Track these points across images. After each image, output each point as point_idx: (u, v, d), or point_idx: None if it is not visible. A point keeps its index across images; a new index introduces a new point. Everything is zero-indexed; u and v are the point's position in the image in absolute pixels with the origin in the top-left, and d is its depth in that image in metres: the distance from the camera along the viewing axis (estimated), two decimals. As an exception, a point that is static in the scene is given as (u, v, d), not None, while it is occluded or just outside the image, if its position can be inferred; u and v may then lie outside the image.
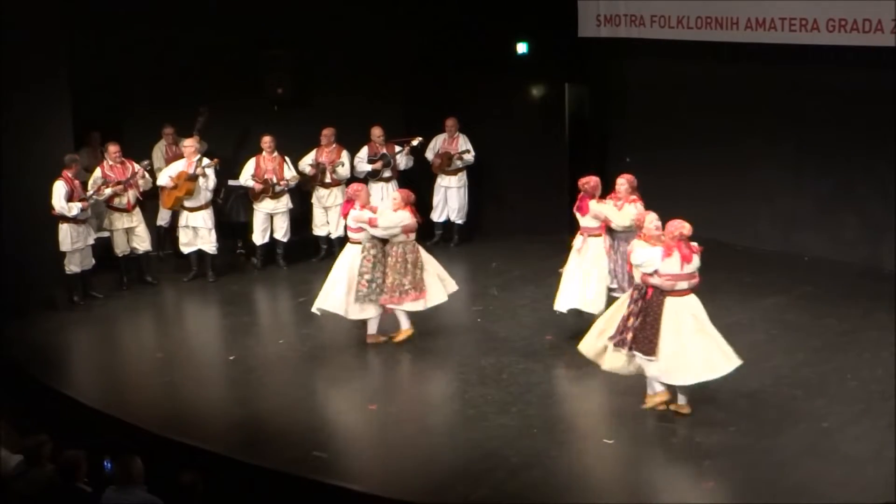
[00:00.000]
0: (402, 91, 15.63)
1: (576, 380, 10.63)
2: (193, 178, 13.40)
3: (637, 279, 9.42)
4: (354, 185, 11.63)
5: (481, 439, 9.25)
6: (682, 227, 9.27)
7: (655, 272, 9.24)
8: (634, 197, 11.02)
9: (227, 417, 10.08)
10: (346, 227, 11.64)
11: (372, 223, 11.10)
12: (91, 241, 12.82)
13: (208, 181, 13.54)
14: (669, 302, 9.27)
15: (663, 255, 9.23)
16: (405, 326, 11.36)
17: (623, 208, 10.98)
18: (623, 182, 11.05)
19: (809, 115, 13.82)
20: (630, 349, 9.40)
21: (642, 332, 9.31)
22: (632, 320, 9.37)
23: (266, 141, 13.94)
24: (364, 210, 11.21)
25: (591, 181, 11.28)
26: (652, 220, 9.61)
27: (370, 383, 10.93)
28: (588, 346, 9.90)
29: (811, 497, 8.15)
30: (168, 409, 10.17)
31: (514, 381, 10.49)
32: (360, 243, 11.21)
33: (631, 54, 15.02)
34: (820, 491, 8.24)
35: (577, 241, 11.39)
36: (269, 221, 14.22)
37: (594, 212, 11.16)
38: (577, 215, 11.39)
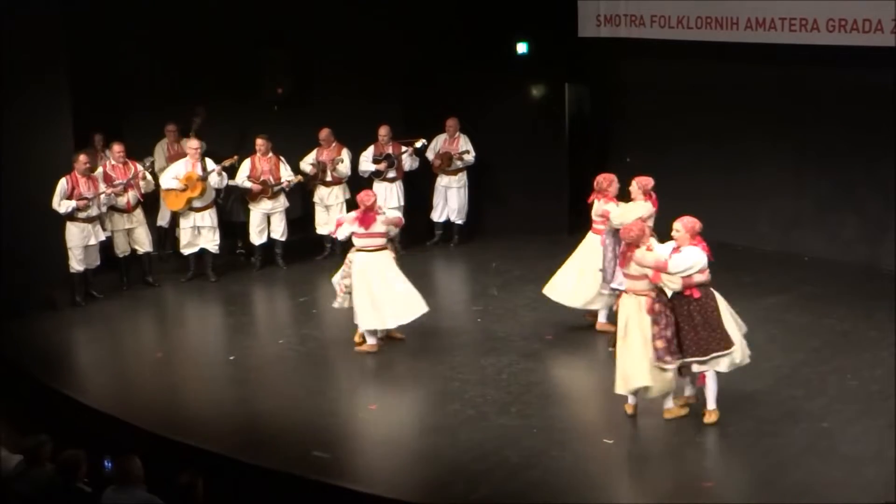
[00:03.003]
0: (402, 91, 15.65)
1: (576, 380, 10.65)
2: (204, 178, 13.42)
3: (676, 286, 9.19)
4: (369, 192, 11.49)
5: (481, 439, 9.25)
6: (697, 221, 9.29)
7: (699, 270, 9.16)
8: (643, 198, 11.00)
9: (227, 417, 10.08)
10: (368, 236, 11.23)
11: (400, 223, 11.36)
12: (93, 241, 12.80)
13: (223, 179, 13.58)
14: (713, 293, 9.29)
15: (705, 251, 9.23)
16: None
17: (628, 206, 11.00)
18: (634, 185, 11.01)
19: (809, 115, 13.83)
20: (697, 354, 9.20)
21: (707, 332, 9.17)
22: (670, 331, 9.17)
23: (260, 143, 13.92)
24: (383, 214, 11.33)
25: (600, 178, 11.24)
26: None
27: (370, 383, 10.93)
28: (642, 378, 9.38)
29: (811, 497, 8.15)
30: (168, 409, 10.17)
31: (514, 381, 10.49)
32: (383, 249, 11.16)
33: (631, 54, 15.02)
34: (820, 491, 8.24)
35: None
36: (266, 221, 14.21)
37: (598, 210, 11.20)
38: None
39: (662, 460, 9.06)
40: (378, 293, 11.00)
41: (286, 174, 14.04)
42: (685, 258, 9.14)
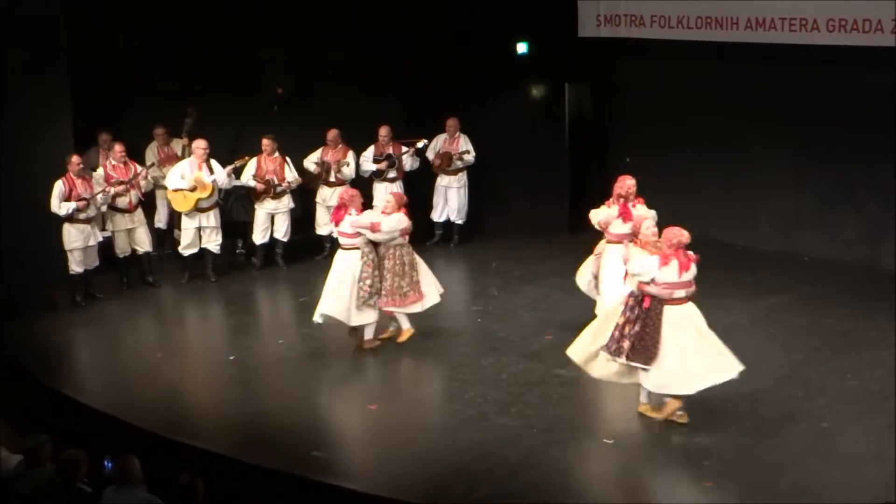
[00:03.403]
0: (402, 91, 15.65)
1: (576, 380, 10.62)
2: (214, 178, 13.44)
3: (633, 287, 9.24)
4: (349, 191, 11.49)
5: (481, 439, 9.25)
6: (680, 234, 9.11)
7: (652, 281, 9.09)
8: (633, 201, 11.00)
9: (227, 417, 10.08)
10: (338, 234, 11.31)
11: (375, 228, 10.94)
12: (92, 242, 12.77)
13: (232, 180, 13.62)
14: (668, 311, 9.13)
15: (660, 263, 9.08)
16: (406, 326, 11.35)
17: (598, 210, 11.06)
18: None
19: (809, 115, 13.83)
20: (627, 358, 9.21)
21: (640, 342, 9.14)
22: (628, 328, 9.20)
23: (266, 143, 13.94)
24: (363, 214, 11.15)
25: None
26: (648, 225, 9.58)
27: (370, 383, 10.93)
28: (578, 351, 9.70)
29: (811, 497, 8.15)
30: (168, 409, 10.16)
31: (514, 381, 10.49)
32: (355, 248, 11.10)
33: (631, 54, 15.02)
34: (820, 491, 8.24)
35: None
36: (270, 221, 14.24)
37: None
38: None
39: (662, 460, 9.05)
40: (425, 268, 11.27)
41: (290, 175, 14.05)
42: (637, 264, 9.19)
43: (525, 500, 8.34)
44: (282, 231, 14.28)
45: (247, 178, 13.99)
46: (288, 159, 14.08)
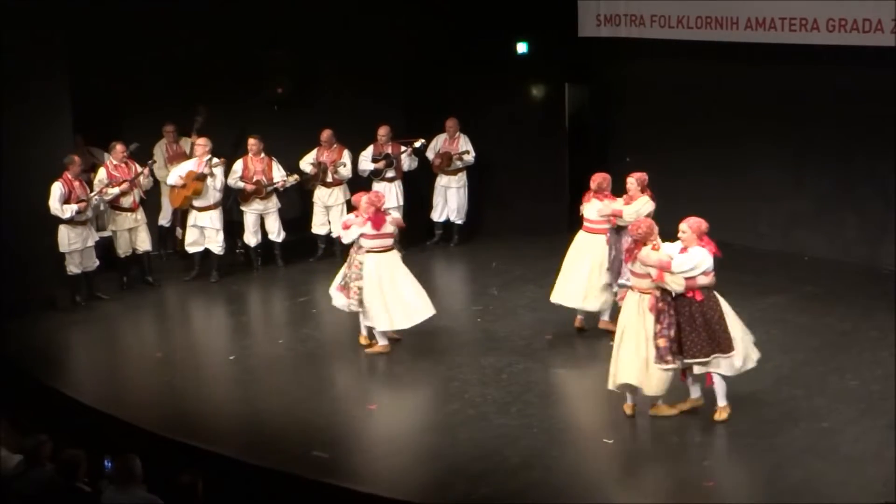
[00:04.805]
0: (402, 91, 15.65)
1: (575, 380, 10.65)
2: (202, 177, 13.41)
3: (679, 288, 9.06)
4: (378, 194, 11.39)
5: (481, 439, 9.26)
6: (702, 221, 9.24)
7: (704, 272, 9.09)
8: (642, 193, 11.00)
9: (227, 417, 10.09)
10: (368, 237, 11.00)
11: (401, 223, 11.39)
12: (91, 243, 12.77)
13: (216, 181, 13.54)
14: (716, 296, 9.24)
15: (711, 252, 9.16)
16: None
17: (632, 202, 11.00)
18: (632, 181, 10.99)
19: (809, 115, 13.83)
20: (687, 357, 9.14)
21: (707, 334, 9.09)
22: (673, 330, 9.11)
23: (252, 143, 13.90)
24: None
25: (595, 178, 11.25)
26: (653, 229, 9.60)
27: (370, 383, 10.93)
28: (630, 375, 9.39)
29: (811, 497, 8.15)
30: (168, 409, 10.17)
31: (514, 381, 10.49)
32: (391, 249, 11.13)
33: (631, 54, 15.03)
34: (820, 491, 8.24)
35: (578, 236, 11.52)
36: (260, 222, 14.20)
37: (604, 210, 11.15)
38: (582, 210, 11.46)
39: (662, 460, 9.05)
40: (389, 294, 10.94)
41: (278, 174, 14.02)
42: (689, 258, 9.10)
43: (525, 500, 8.35)
44: (275, 231, 14.24)
45: (234, 180, 13.94)
46: (275, 159, 14.05)
